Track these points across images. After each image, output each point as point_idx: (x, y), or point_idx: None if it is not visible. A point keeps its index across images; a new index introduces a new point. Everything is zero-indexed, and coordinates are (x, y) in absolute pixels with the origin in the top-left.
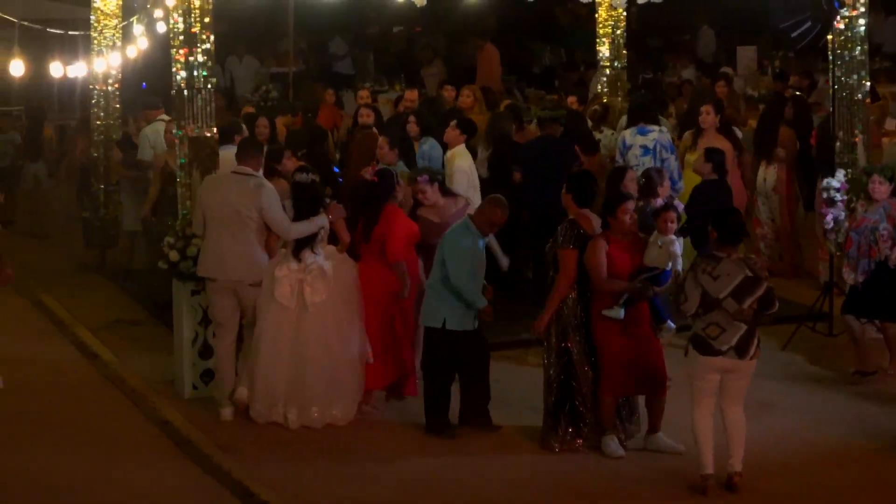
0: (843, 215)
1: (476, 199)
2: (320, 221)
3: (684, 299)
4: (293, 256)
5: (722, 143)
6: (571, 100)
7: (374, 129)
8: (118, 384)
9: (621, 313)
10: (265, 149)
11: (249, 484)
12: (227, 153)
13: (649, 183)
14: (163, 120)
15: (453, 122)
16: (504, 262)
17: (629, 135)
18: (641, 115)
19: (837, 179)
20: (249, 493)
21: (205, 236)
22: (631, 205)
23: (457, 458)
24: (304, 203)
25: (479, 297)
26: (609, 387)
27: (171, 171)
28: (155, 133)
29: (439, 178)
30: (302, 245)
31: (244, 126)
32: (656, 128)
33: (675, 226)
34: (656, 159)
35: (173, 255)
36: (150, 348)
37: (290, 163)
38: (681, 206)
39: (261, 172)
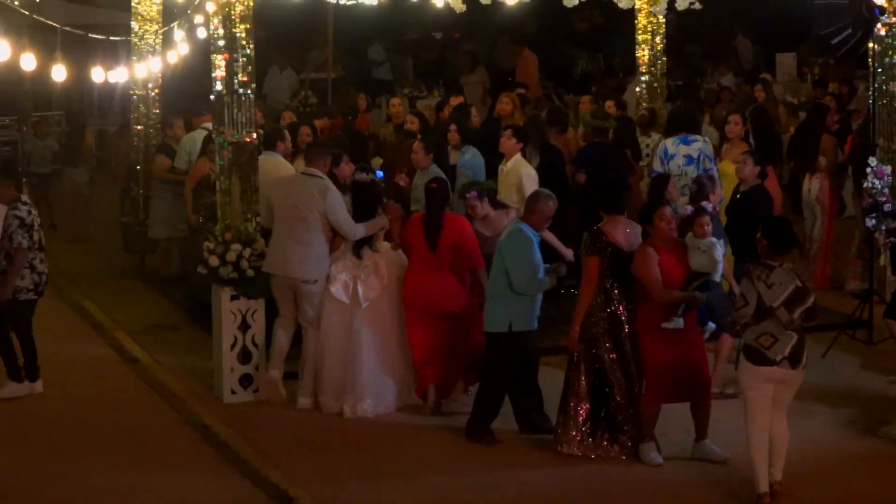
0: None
1: None
2: (382, 222)
3: (743, 303)
4: (352, 252)
5: None
6: (609, 104)
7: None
8: (157, 388)
9: (681, 323)
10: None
11: (287, 488)
12: (268, 159)
13: (701, 189)
14: (205, 128)
15: (508, 131)
16: (568, 253)
17: (671, 144)
18: (683, 123)
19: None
20: (288, 498)
21: (272, 233)
22: (667, 211)
23: (494, 465)
24: (362, 202)
25: (545, 281)
26: (654, 396)
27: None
28: (192, 141)
29: (488, 191)
30: (361, 241)
31: (286, 133)
32: (700, 137)
33: (710, 229)
34: (699, 169)
35: (213, 261)
36: (189, 353)
37: (347, 167)
38: (709, 206)
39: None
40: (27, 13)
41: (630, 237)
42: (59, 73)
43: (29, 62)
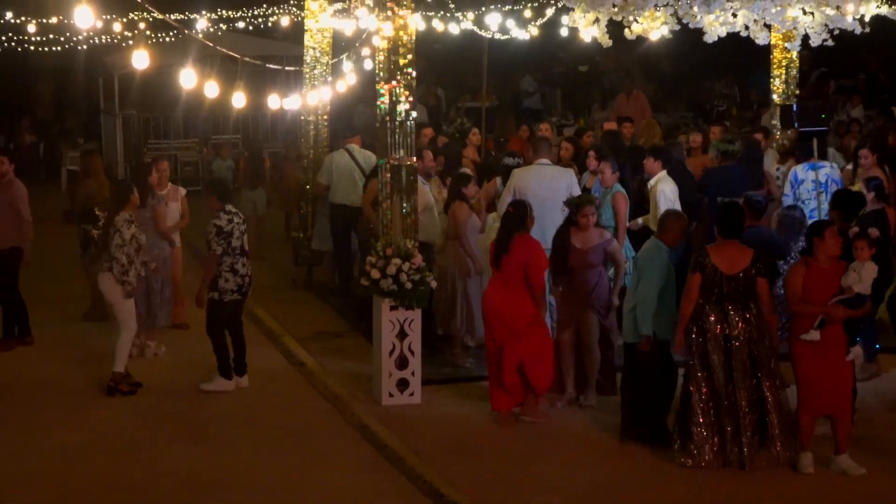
0: None
1: None
2: None
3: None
4: None
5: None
6: (760, 136)
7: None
8: (321, 391)
9: (817, 335)
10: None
11: (440, 486)
12: None
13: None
14: (348, 149)
15: (650, 156)
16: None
17: (801, 170)
18: (812, 151)
19: None
20: (440, 495)
21: None
22: (836, 229)
23: (634, 466)
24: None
25: (649, 316)
26: (804, 407)
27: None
28: (330, 159)
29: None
30: None
31: (428, 153)
32: (828, 164)
33: (865, 252)
34: (827, 193)
35: (374, 273)
36: (351, 358)
37: (472, 189)
38: None
39: None
40: (211, 45)
41: (736, 261)
42: (239, 99)
43: (212, 89)
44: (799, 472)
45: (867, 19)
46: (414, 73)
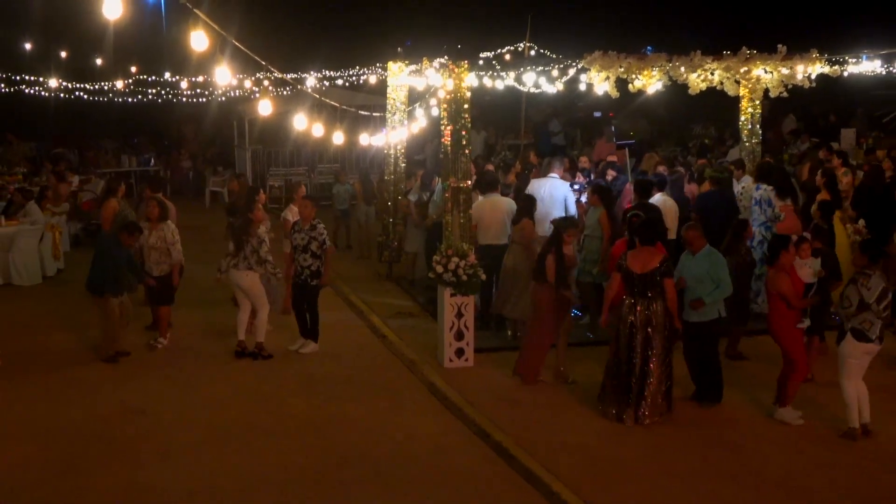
0: None
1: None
2: None
3: (849, 304)
4: None
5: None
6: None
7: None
8: (399, 357)
9: (808, 322)
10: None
11: (486, 428)
12: (489, 197)
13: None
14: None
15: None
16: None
17: (752, 189)
18: (759, 174)
19: None
20: (486, 435)
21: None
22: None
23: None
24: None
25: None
26: (802, 373)
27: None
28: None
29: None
30: None
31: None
32: (764, 187)
33: (809, 252)
34: (762, 208)
35: (438, 268)
36: (422, 333)
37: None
38: None
39: None
40: (318, 96)
41: (646, 263)
42: (339, 137)
43: (318, 130)
44: (788, 423)
45: (813, 77)
46: (469, 118)
